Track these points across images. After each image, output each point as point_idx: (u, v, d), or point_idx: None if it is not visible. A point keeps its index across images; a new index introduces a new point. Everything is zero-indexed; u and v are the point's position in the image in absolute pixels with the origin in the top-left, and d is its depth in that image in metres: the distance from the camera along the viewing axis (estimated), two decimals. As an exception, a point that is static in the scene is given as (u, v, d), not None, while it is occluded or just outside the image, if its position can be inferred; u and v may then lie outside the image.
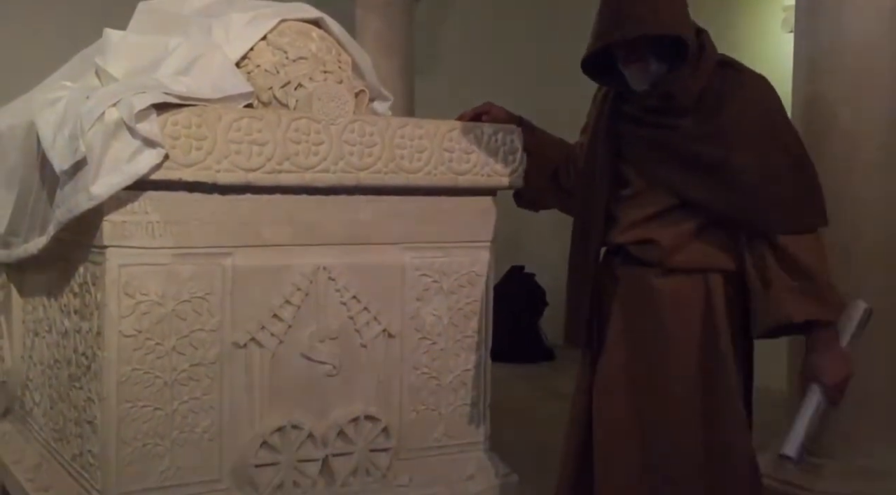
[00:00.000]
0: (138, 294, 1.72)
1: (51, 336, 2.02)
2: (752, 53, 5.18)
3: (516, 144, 2.09)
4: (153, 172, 1.67)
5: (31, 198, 1.96)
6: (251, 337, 1.83)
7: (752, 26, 5.25)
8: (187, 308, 1.76)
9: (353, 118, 1.89)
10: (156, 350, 1.74)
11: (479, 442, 2.10)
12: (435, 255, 2.03)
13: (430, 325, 2.03)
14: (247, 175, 1.78)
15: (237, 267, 1.81)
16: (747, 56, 5.29)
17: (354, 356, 1.94)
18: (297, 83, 1.90)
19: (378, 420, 1.94)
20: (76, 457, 1.85)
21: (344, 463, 1.90)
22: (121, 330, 1.71)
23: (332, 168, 1.87)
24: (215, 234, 1.78)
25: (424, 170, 1.97)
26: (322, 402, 1.90)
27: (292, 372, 1.87)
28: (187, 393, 1.77)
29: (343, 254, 1.92)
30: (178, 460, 1.76)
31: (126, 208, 1.70)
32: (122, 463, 1.71)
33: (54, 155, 1.71)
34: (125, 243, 1.71)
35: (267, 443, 1.82)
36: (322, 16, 2.07)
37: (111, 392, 1.70)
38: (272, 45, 1.94)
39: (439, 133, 1.99)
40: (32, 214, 1.97)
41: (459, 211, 2.05)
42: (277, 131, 1.80)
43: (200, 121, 1.73)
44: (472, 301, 2.08)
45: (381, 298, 1.96)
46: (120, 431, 1.71)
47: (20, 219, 2.03)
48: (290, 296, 1.86)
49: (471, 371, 2.08)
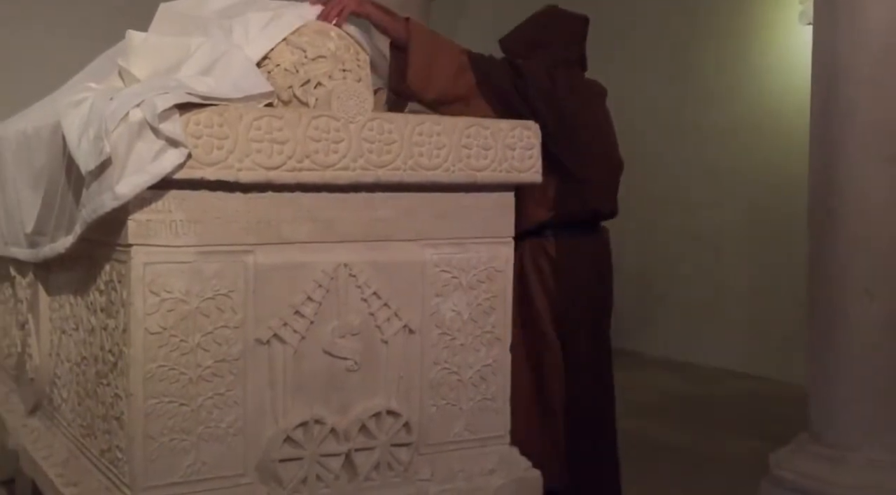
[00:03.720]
0: (163, 291, 1.74)
1: (78, 333, 2.05)
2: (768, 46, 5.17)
3: (533, 140, 2.10)
4: (177, 171, 1.69)
5: (57, 198, 1.99)
6: (274, 333, 1.85)
7: (768, 18, 5.22)
8: (211, 305, 1.79)
9: (371, 116, 1.90)
10: (180, 346, 1.76)
11: (499, 436, 2.11)
12: (454, 251, 2.05)
13: (449, 321, 2.04)
14: (268, 173, 1.80)
15: (259, 264, 1.83)
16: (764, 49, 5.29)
17: (375, 352, 1.96)
18: (316, 82, 1.92)
19: (399, 415, 1.96)
20: (104, 453, 1.88)
21: (366, 457, 1.92)
22: (146, 327, 1.73)
23: (352, 165, 1.88)
24: (237, 232, 1.81)
25: (443, 167, 1.99)
26: (344, 398, 1.92)
27: (314, 368, 1.89)
28: (212, 389, 1.79)
29: (363, 251, 1.94)
30: (203, 455, 1.78)
31: (150, 207, 1.73)
32: (149, 458, 1.74)
33: (80, 155, 1.73)
34: (149, 241, 1.73)
35: (290, 438, 1.85)
36: None
37: (137, 388, 1.73)
38: (291, 45, 1.96)
39: (457, 129, 2.00)
40: (59, 214, 2.00)
41: (478, 206, 2.07)
42: (297, 129, 1.82)
43: (222, 120, 1.75)
44: (491, 296, 2.09)
45: (401, 294, 1.98)
46: (146, 427, 1.73)
47: (47, 219, 2.07)
48: (312, 292, 1.88)
49: (490, 366, 2.10)
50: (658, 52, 5.74)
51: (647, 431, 3.95)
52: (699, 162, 5.52)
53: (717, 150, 5.41)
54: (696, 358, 5.41)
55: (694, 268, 5.56)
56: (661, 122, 5.69)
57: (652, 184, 5.75)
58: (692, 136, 5.55)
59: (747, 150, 5.24)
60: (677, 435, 3.91)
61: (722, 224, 5.40)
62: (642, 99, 5.77)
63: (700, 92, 5.51)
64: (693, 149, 5.55)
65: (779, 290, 5.06)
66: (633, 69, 5.84)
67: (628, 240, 5.96)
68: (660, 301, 5.75)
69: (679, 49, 5.63)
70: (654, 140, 5.73)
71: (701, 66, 5.52)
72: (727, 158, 5.35)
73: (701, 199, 5.50)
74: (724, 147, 5.37)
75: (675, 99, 5.63)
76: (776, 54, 5.14)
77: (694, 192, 5.54)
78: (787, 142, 4.95)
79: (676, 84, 5.63)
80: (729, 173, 5.34)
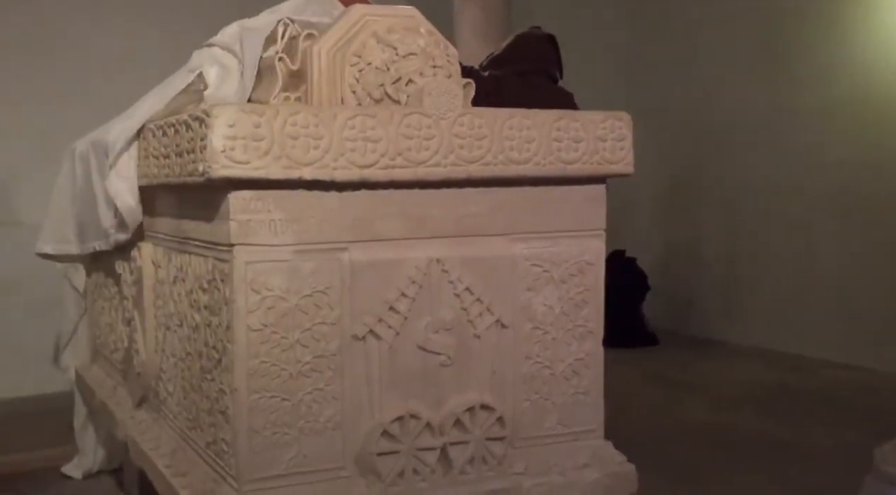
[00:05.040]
0: (263, 289, 1.79)
1: (182, 330, 2.13)
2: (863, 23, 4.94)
3: (625, 131, 2.07)
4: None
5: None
6: (369, 329, 1.88)
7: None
8: (309, 302, 1.83)
9: (462, 111, 1.91)
10: (281, 343, 1.81)
11: (593, 430, 2.10)
12: (545, 245, 2.04)
13: (541, 315, 2.04)
14: (361, 171, 1.83)
15: (354, 261, 1.86)
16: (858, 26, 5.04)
17: (468, 346, 1.97)
18: (407, 79, 1.94)
19: (493, 409, 1.97)
20: (210, 445, 1.95)
21: (461, 451, 1.94)
22: (248, 324, 1.79)
23: (443, 161, 1.90)
24: (333, 230, 1.84)
25: (533, 161, 1.98)
26: (438, 392, 1.94)
27: (408, 363, 1.92)
28: (311, 384, 1.84)
29: (455, 247, 1.95)
30: (304, 448, 1.83)
31: (250, 207, 1.78)
32: (253, 451, 1.79)
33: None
34: (250, 241, 1.78)
35: (387, 432, 1.88)
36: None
37: (241, 383, 1.79)
38: (382, 43, 1.98)
39: (547, 123, 1.99)
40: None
41: (569, 200, 2.05)
42: (390, 127, 1.84)
43: (317, 120, 1.79)
44: (583, 290, 2.08)
45: (493, 289, 1.99)
46: (251, 421, 1.79)
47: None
48: (406, 288, 1.91)
49: (583, 359, 2.09)
50: (746, 32, 5.57)
51: (739, 423, 3.87)
52: (786, 145, 5.34)
53: (805, 133, 5.23)
54: (786, 346, 5.26)
55: (783, 254, 5.40)
56: (747, 104, 5.53)
57: (738, 169, 5.61)
58: (780, 119, 5.37)
59: (838, 133, 5.05)
60: (771, 427, 3.81)
61: (812, 208, 5.22)
62: (729, 82, 5.62)
63: (790, 73, 5.32)
64: (780, 132, 5.38)
65: (873, 276, 4.87)
66: (720, 51, 5.69)
67: (713, 226, 5.85)
68: (747, 288, 5.61)
69: (767, 29, 5.46)
70: (741, 124, 5.58)
71: (791, 45, 5.34)
72: (816, 141, 5.17)
73: (789, 183, 5.33)
74: (813, 130, 5.18)
75: (763, 80, 5.46)
76: (871, 32, 4.93)
77: (782, 176, 5.38)
78: (881, 124, 4.75)
79: (765, 65, 5.46)
80: (818, 156, 5.16)
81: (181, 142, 1.90)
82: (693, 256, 5.99)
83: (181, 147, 1.90)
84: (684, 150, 5.95)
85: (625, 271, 5.53)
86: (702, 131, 5.86)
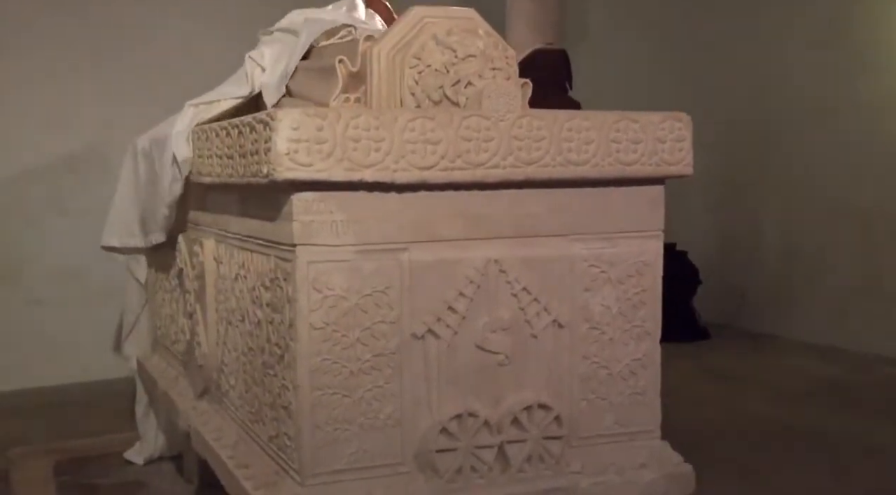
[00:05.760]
0: (325, 289, 1.83)
1: (244, 325, 2.18)
2: None
3: (684, 132, 2.06)
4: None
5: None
6: (428, 328, 1.91)
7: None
8: (369, 301, 1.86)
9: (521, 113, 1.92)
10: (342, 341, 1.85)
11: (650, 430, 2.11)
12: (603, 246, 2.04)
13: (598, 315, 2.05)
14: (422, 173, 1.85)
15: (413, 261, 1.89)
16: None
17: (525, 346, 1.99)
18: (466, 81, 1.95)
19: (550, 408, 1.99)
20: (272, 439, 2.00)
21: (518, 450, 1.96)
22: (311, 322, 1.83)
23: (502, 163, 1.91)
24: (393, 231, 1.87)
25: (591, 162, 1.98)
26: (495, 391, 1.96)
27: (466, 362, 1.94)
28: (371, 381, 1.87)
29: (513, 247, 1.96)
30: (364, 444, 1.87)
31: (313, 209, 1.82)
32: (315, 446, 1.84)
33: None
34: (313, 241, 1.82)
35: (445, 430, 1.91)
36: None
37: (304, 380, 1.83)
38: (441, 45, 1.99)
39: (606, 124, 1.99)
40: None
41: (627, 201, 2.05)
42: (450, 130, 1.86)
43: (378, 123, 1.81)
44: (640, 290, 2.08)
45: (550, 289, 2.00)
46: (313, 417, 1.83)
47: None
48: (464, 288, 1.93)
49: (640, 359, 2.09)
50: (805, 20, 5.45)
51: (796, 418, 3.81)
52: (846, 135, 5.22)
53: (866, 124, 5.10)
54: (842, 342, 5.16)
55: (842, 249, 5.28)
56: (807, 95, 5.41)
57: (796, 161, 5.50)
58: (840, 110, 5.25)
59: (902, 123, 4.92)
60: (831, 424, 3.75)
61: (872, 201, 5.10)
62: (786, 71, 5.51)
63: (850, 63, 5.20)
64: (840, 122, 5.25)
65: (936, 272, 4.75)
66: (778, 41, 5.57)
67: (771, 220, 5.74)
68: (803, 282, 5.51)
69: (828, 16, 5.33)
70: (800, 115, 5.46)
71: (850, 35, 5.20)
72: (878, 132, 5.04)
73: (849, 176, 5.21)
74: (875, 121, 5.05)
75: (823, 70, 5.34)
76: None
77: (841, 168, 5.26)
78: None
79: (824, 55, 5.33)
80: (879, 147, 5.03)
81: (245, 144, 1.94)
82: (747, 249, 5.90)
83: (245, 148, 1.94)
84: (739, 142, 5.86)
85: (676, 265, 5.46)
86: (759, 122, 5.75)
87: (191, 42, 4.78)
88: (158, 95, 4.51)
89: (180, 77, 4.33)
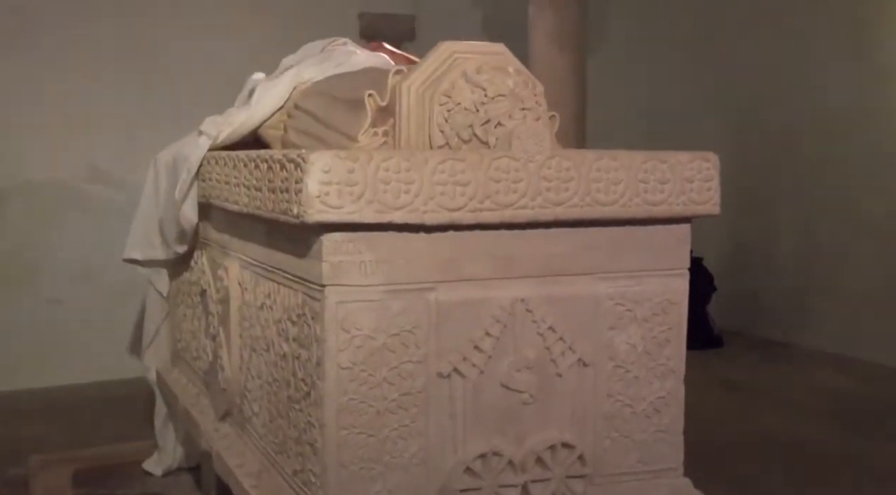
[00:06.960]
0: (353, 329, 1.83)
1: (268, 354, 2.19)
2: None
3: (712, 172, 2.05)
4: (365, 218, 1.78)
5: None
6: (454, 367, 1.91)
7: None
8: (396, 341, 1.87)
9: (550, 154, 1.91)
10: (369, 381, 1.86)
11: (673, 468, 2.11)
12: (629, 285, 2.04)
13: (623, 353, 2.05)
14: (451, 214, 1.85)
15: (440, 301, 1.89)
16: None
17: (550, 385, 1.99)
18: (496, 121, 1.95)
19: (574, 447, 1.99)
20: (297, 473, 2.02)
21: (542, 489, 1.97)
22: (338, 362, 1.83)
23: (530, 204, 1.91)
24: (421, 271, 1.87)
25: (619, 202, 1.98)
26: (519, 430, 1.97)
27: (491, 401, 1.95)
28: (397, 420, 1.88)
29: (539, 286, 1.97)
30: (389, 483, 1.88)
31: (342, 249, 1.82)
32: (341, 485, 1.85)
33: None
34: (341, 281, 1.82)
35: (470, 469, 1.92)
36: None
37: (331, 419, 1.84)
38: (471, 83, 1.99)
39: (634, 164, 1.98)
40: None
41: (654, 240, 2.05)
42: (479, 171, 1.86)
43: (409, 165, 1.81)
44: (665, 329, 2.08)
45: (575, 328, 2.00)
46: (339, 455, 1.84)
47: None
48: (490, 327, 1.93)
49: (664, 397, 2.09)
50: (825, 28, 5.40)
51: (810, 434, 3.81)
52: (864, 144, 5.19)
53: (884, 133, 5.07)
54: (858, 353, 5.15)
55: (859, 258, 5.26)
56: (830, 103, 5.37)
57: (813, 169, 5.47)
58: (857, 119, 5.21)
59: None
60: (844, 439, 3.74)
61: (890, 210, 5.07)
62: (810, 79, 5.47)
63: (868, 71, 5.15)
64: (858, 131, 5.22)
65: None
66: (796, 46, 5.53)
67: (787, 228, 5.72)
68: (820, 291, 5.49)
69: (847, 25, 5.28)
70: (817, 123, 5.43)
71: (869, 43, 5.16)
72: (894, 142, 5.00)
73: (867, 184, 5.18)
74: (891, 129, 5.02)
75: (843, 79, 5.30)
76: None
77: (860, 177, 5.23)
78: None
79: (842, 64, 5.29)
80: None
81: (274, 179, 1.94)
82: (764, 257, 5.88)
83: (274, 184, 1.94)
84: (756, 149, 5.82)
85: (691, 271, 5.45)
86: (775, 129, 5.72)
87: (213, 57, 4.83)
88: (180, 103, 4.56)
89: (205, 93, 4.35)
